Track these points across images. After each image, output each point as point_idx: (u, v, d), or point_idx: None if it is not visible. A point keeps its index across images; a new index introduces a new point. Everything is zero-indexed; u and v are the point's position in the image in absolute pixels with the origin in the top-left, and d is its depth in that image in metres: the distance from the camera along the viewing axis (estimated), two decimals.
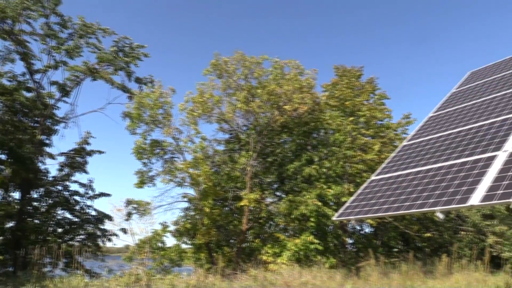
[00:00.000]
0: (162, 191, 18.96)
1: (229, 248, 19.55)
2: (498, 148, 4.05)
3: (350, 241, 22.24)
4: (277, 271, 15.46)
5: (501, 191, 3.28)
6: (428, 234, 22.69)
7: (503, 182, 3.40)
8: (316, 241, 17.56)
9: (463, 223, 23.70)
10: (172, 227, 18.38)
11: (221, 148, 21.87)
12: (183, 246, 18.69)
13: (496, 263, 21.95)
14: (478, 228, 23.27)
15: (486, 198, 3.34)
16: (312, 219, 17.80)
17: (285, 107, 19.58)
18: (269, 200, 20.64)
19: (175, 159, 18.72)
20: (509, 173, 3.49)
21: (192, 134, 18.84)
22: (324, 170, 19.20)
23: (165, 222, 18.12)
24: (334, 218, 4.59)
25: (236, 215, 19.96)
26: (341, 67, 25.07)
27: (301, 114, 20.22)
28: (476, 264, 17.12)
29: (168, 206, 18.84)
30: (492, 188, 3.41)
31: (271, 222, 20.74)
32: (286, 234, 19.38)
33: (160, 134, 18.37)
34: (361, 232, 23.69)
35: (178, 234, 18.55)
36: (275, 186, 22.17)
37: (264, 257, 17.51)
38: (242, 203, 18.12)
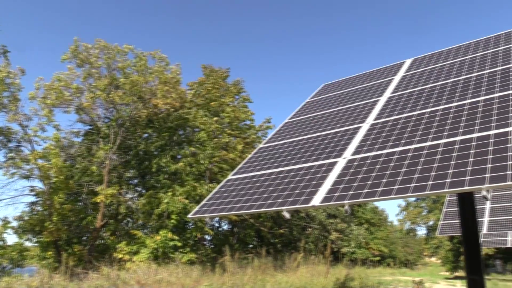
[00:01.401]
0: (4, 183, 17.03)
1: (81, 246, 18.32)
2: (339, 155, 4.54)
3: (208, 238, 22.69)
4: (133, 270, 14.98)
5: (338, 194, 3.68)
6: (281, 231, 24.35)
7: (340, 186, 3.82)
8: (176, 237, 17.51)
9: (311, 221, 26.02)
10: (14, 223, 16.72)
11: (79, 140, 20.40)
12: (27, 244, 17.26)
13: (336, 257, 24.59)
14: (323, 225, 25.81)
15: (325, 199, 3.71)
16: (173, 216, 17.67)
17: (152, 101, 19.11)
18: (128, 195, 19.90)
19: (22, 148, 16.88)
20: (345, 178, 3.94)
21: (43, 122, 17.19)
22: (189, 168, 19.25)
23: (6, 218, 16.53)
24: (189, 216, 4.62)
25: (91, 211, 18.80)
26: (209, 66, 25.43)
27: (167, 110, 19.95)
28: (320, 258, 18.90)
29: (10, 200, 17.04)
30: (331, 191, 3.81)
31: (129, 219, 20.03)
32: (144, 231, 18.91)
33: (5, 120, 16.39)
34: (219, 229, 24.34)
35: (21, 231, 16.85)
36: (136, 181, 21.47)
37: (120, 255, 16.82)
38: (97, 199, 17.14)
